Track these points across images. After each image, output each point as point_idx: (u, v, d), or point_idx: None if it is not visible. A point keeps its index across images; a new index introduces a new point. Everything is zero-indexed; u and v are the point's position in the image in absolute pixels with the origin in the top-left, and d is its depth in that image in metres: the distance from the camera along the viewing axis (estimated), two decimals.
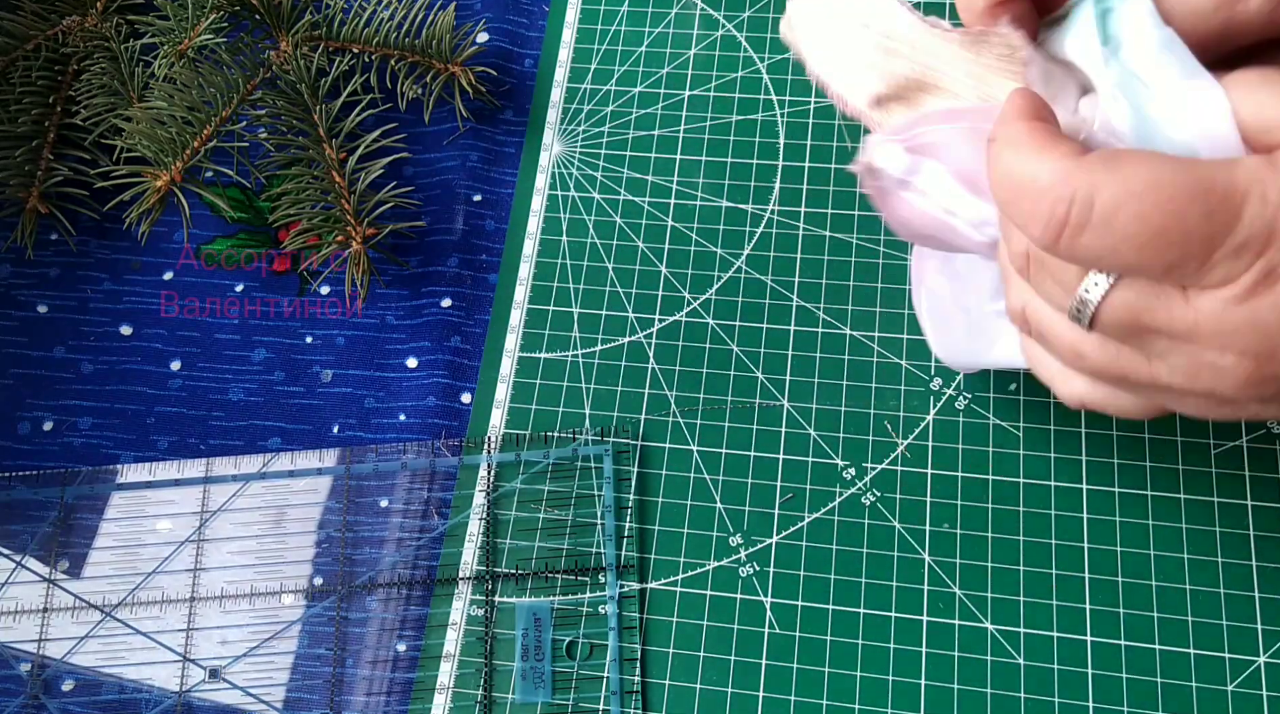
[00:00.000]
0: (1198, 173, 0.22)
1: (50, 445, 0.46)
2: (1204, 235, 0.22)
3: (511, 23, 0.52)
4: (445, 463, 0.43)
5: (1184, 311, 0.24)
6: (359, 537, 0.43)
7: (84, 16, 0.51)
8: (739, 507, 0.42)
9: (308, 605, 0.42)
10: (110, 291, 0.49)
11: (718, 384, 0.44)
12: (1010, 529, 0.40)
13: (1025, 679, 0.38)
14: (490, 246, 0.48)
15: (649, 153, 0.49)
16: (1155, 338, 0.25)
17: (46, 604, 0.42)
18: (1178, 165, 0.23)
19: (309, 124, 0.47)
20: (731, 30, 0.51)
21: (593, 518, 0.42)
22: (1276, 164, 0.22)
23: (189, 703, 0.41)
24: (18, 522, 0.44)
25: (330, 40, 0.50)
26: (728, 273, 0.46)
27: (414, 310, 0.47)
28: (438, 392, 0.45)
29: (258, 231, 0.49)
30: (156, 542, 0.43)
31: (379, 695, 0.40)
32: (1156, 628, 0.38)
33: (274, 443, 0.45)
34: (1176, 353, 0.25)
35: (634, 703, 0.39)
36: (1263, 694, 0.37)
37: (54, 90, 0.50)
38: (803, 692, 0.39)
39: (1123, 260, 0.23)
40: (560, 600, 0.41)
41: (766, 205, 0.47)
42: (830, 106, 0.48)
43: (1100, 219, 0.23)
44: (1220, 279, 0.23)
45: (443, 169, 0.50)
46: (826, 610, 0.40)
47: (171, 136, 0.46)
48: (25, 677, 0.41)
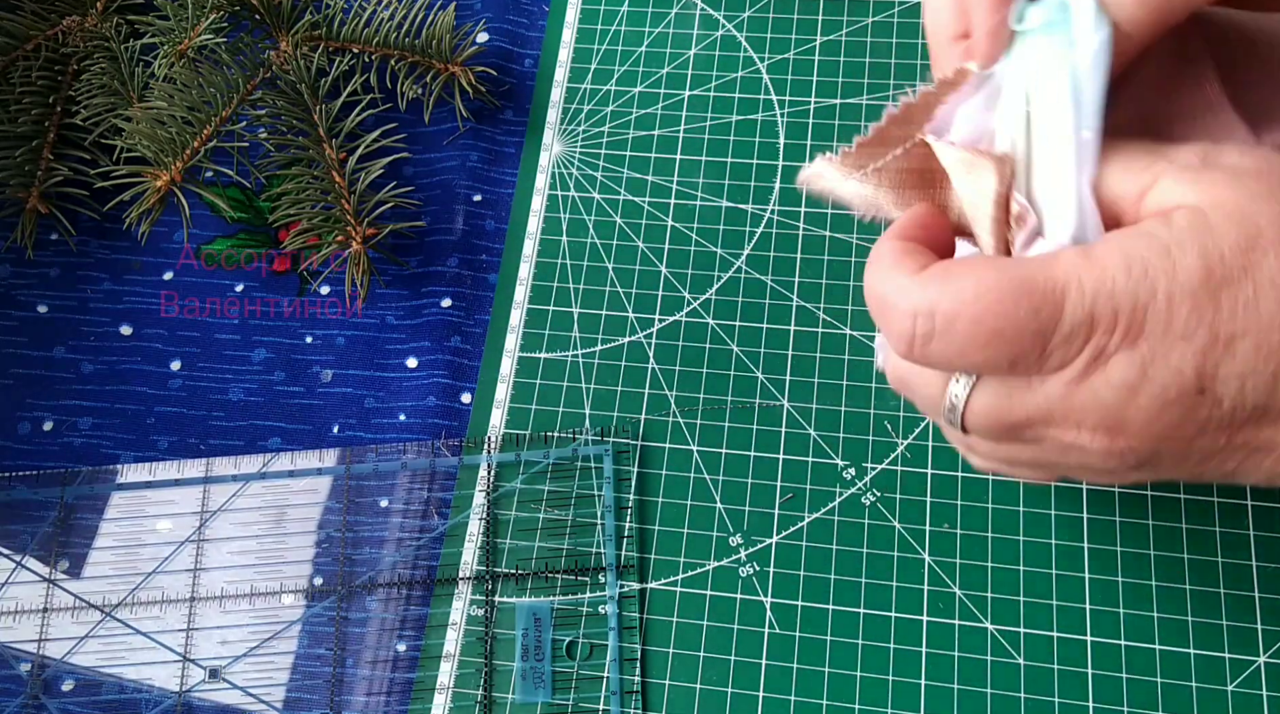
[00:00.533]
0: (1020, 274, 0.25)
1: (50, 445, 0.46)
2: (1034, 330, 0.24)
3: (511, 23, 0.52)
4: (445, 463, 0.43)
5: (1035, 399, 0.26)
6: (359, 537, 0.43)
7: (84, 16, 0.51)
8: (739, 507, 0.42)
9: (308, 605, 0.42)
10: (110, 291, 0.49)
11: (718, 384, 0.44)
12: (1010, 529, 0.40)
13: (1025, 679, 0.38)
14: (490, 246, 0.48)
15: (649, 153, 0.49)
16: (1022, 427, 0.27)
17: (46, 604, 0.43)
18: (1001, 270, 0.25)
19: (309, 124, 0.47)
20: (731, 30, 0.51)
21: (593, 518, 0.42)
22: (1090, 256, 0.24)
23: (189, 703, 0.41)
24: (18, 522, 0.44)
25: (330, 40, 0.50)
26: (728, 273, 0.46)
27: (414, 310, 0.47)
28: (438, 392, 0.45)
29: (258, 231, 0.49)
30: (156, 542, 0.43)
31: (379, 695, 0.40)
32: (1156, 628, 0.38)
33: (274, 443, 0.45)
34: (1044, 436, 0.27)
35: (634, 703, 0.39)
36: (1263, 694, 0.37)
37: (54, 90, 0.50)
38: (803, 692, 0.39)
39: (971, 361, 0.26)
40: (560, 600, 0.41)
41: (766, 205, 0.47)
42: (830, 106, 0.48)
43: (943, 327, 0.25)
44: (1058, 364, 0.25)
45: (443, 169, 0.50)
46: (826, 610, 0.40)
47: (171, 136, 0.46)
48: (25, 677, 0.41)
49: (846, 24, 0.50)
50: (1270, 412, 0.24)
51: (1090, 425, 0.26)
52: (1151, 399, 0.25)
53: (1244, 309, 0.23)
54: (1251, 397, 0.24)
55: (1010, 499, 0.40)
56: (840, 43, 0.49)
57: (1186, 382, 0.24)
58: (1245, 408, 0.24)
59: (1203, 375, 0.24)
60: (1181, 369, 0.24)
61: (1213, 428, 0.25)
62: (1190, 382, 0.24)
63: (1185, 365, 0.24)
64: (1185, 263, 0.24)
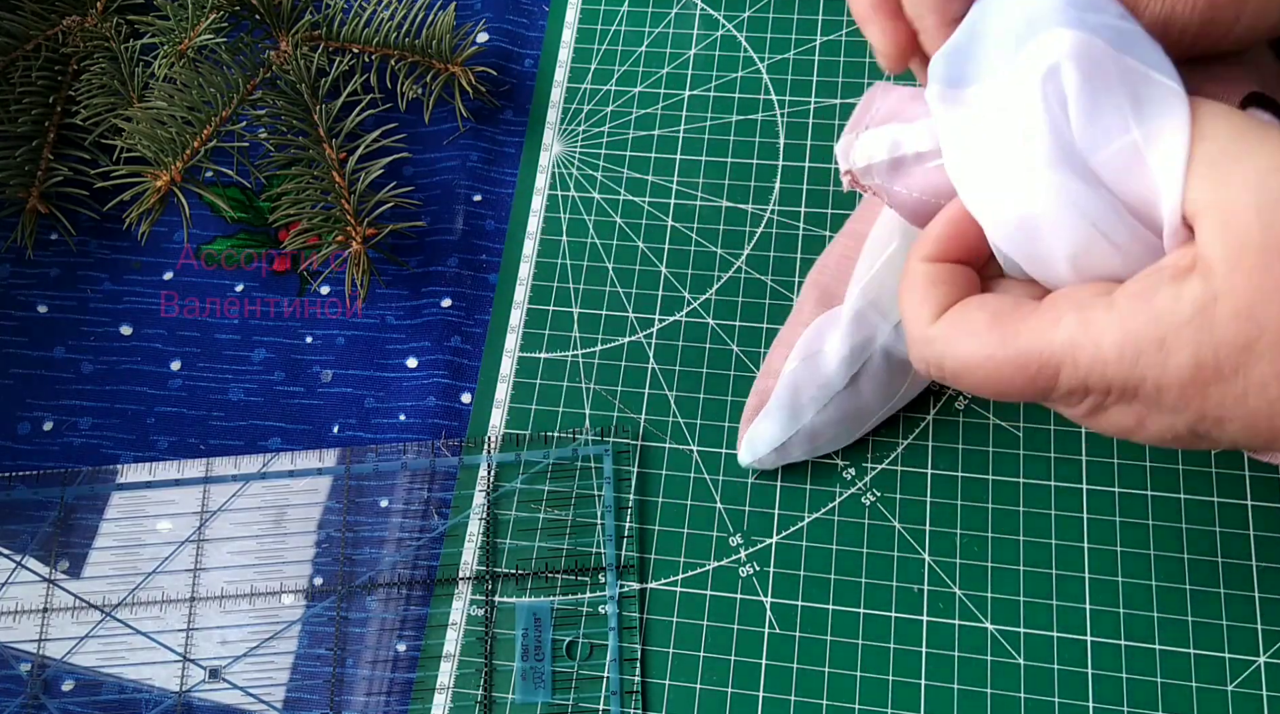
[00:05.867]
0: (1018, 347, 0.26)
1: (50, 445, 0.46)
2: (1033, 392, 0.27)
3: (511, 23, 0.52)
4: (445, 463, 0.43)
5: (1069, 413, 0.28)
6: (359, 537, 0.43)
7: (84, 16, 0.51)
8: (739, 507, 0.42)
9: (308, 605, 0.42)
10: (110, 291, 0.49)
11: (718, 384, 0.44)
12: (1010, 529, 0.40)
13: (1025, 679, 0.38)
14: (490, 246, 0.48)
15: (649, 153, 0.49)
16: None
17: (46, 604, 0.43)
18: (1002, 340, 0.26)
19: (309, 124, 0.47)
20: (731, 30, 0.51)
21: (593, 518, 0.42)
22: (1090, 328, 0.25)
23: (189, 703, 0.41)
24: (18, 522, 0.44)
25: (330, 40, 0.50)
26: (728, 273, 0.46)
27: (414, 310, 0.47)
28: (438, 392, 0.45)
29: (258, 231, 0.49)
30: (156, 542, 0.43)
31: (379, 695, 0.40)
32: (1156, 628, 0.38)
33: (274, 443, 0.45)
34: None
35: (634, 703, 0.39)
36: (1263, 694, 0.37)
37: (54, 90, 0.50)
38: (803, 692, 0.39)
39: (986, 397, 0.29)
40: (560, 600, 0.41)
41: (766, 205, 0.47)
42: (830, 106, 0.48)
43: (953, 379, 0.28)
44: (1064, 406, 0.27)
45: (443, 169, 0.50)
46: (826, 610, 0.40)
47: (171, 136, 0.46)
48: (25, 677, 0.41)
49: (846, 24, 0.50)
50: (1275, 442, 0.25)
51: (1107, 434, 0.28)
52: (1152, 436, 0.27)
53: (1233, 402, 0.24)
54: (1247, 443, 0.25)
55: (1010, 499, 0.40)
56: (840, 43, 0.49)
57: (1181, 434, 0.26)
58: (1244, 445, 0.26)
59: (1197, 434, 0.26)
60: (1175, 426, 0.26)
61: (1222, 447, 0.27)
62: (1185, 434, 0.26)
63: (1178, 425, 0.26)
64: (1176, 361, 0.24)
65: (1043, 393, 0.26)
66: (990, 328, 0.27)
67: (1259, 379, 0.24)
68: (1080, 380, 0.25)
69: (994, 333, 0.27)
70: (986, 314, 0.27)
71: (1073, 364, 0.25)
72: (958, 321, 0.28)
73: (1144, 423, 0.26)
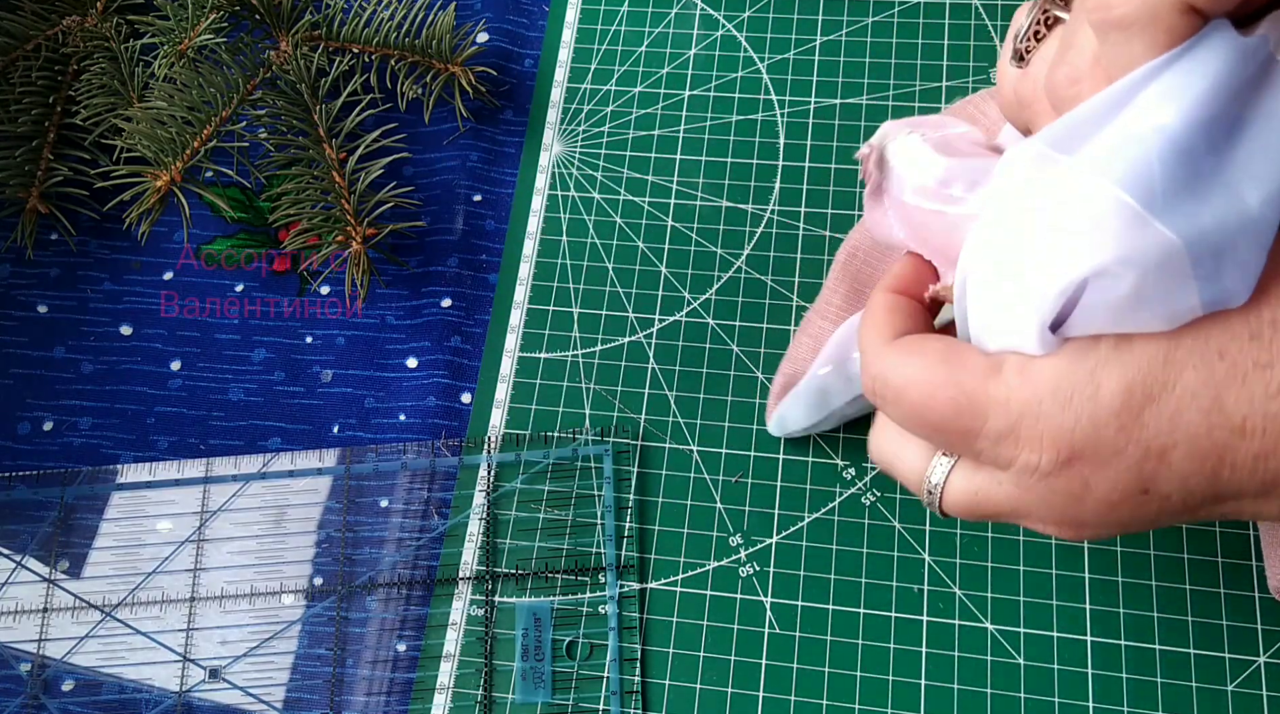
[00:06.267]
0: (957, 380, 0.26)
1: (50, 445, 0.46)
2: (958, 428, 0.26)
3: (511, 23, 0.52)
4: (445, 463, 0.43)
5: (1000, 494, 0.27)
6: (359, 537, 0.43)
7: (84, 16, 0.51)
8: (739, 507, 0.42)
9: (308, 605, 0.42)
10: (110, 292, 0.49)
11: (718, 384, 0.44)
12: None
13: (1025, 679, 0.38)
14: (490, 246, 0.48)
15: (649, 153, 0.49)
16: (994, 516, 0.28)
17: (46, 604, 0.43)
18: (947, 369, 0.27)
19: (309, 124, 0.47)
20: (731, 30, 0.51)
21: (593, 518, 0.42)
22: (1028, 374, 0.25)
23: (189, 703, 0.41)
24: (18, 522, 0.44)
25: (330, 40, 0.50)
26: (728, 273, 0.46)
27: (414, 310, 0.47)
28: (438, 392, 0.45)
29: (258, 231, 0.49)
30: (156, 542, 0.43)
31: (379, 695, 0.40)
32: (1156, 628, 0.38)
33: (274, 443, 0.45)
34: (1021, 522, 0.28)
35: (634, 703, 0.39)
36: (1263, 694, 0.37)
37: (54, 90, 0.50)
38: (803, 692, 0.39)
39: (915, 432, 0.28)
40: (560, 600, 0.41)
41: (766, 205, 0.47)
42: (830, 106, 0.48)
43: (892, 398, 0.28)
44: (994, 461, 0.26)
45: (443, 169, 0.50)
46: (826, 610, 0.40)
47: (171, 136, 0.46)
48: (25, 677, 0.41)
49: (846, 24, 0.50)
50: (1222, 496, 0.25)
51: (1054, 521, 0.27)
52: (1099, 503, 0.26)
53: (1169, 422, 0.24)
54: (1199, 490, 0.25)
55: None
56: (840, 43, 0.49)
57: (1128, 488, 0.25)
58: (1195, 497, 0.25)
59: (1143, 481, 0.25)
60: (1120, 480, 0.25)
61: (1170, 512, 0.26)
62: (1132, 487, 0.25)
63: (1123, 477, 0.25)
64: (1107, 389, 0.24)
65: (968, 431, 0.26)
66: (939, 358, 0.27)
67: (1188, 389, 0.24)
68: (1010, 425, 0.25)
69: (941, 363, 0.27)
70: (941, 346, 0.28)
71: (1004, 406, 0.25)
72: (912, 346, 0.28)
73: (1087, 484, 0.25)
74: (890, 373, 0.28)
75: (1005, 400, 0.25)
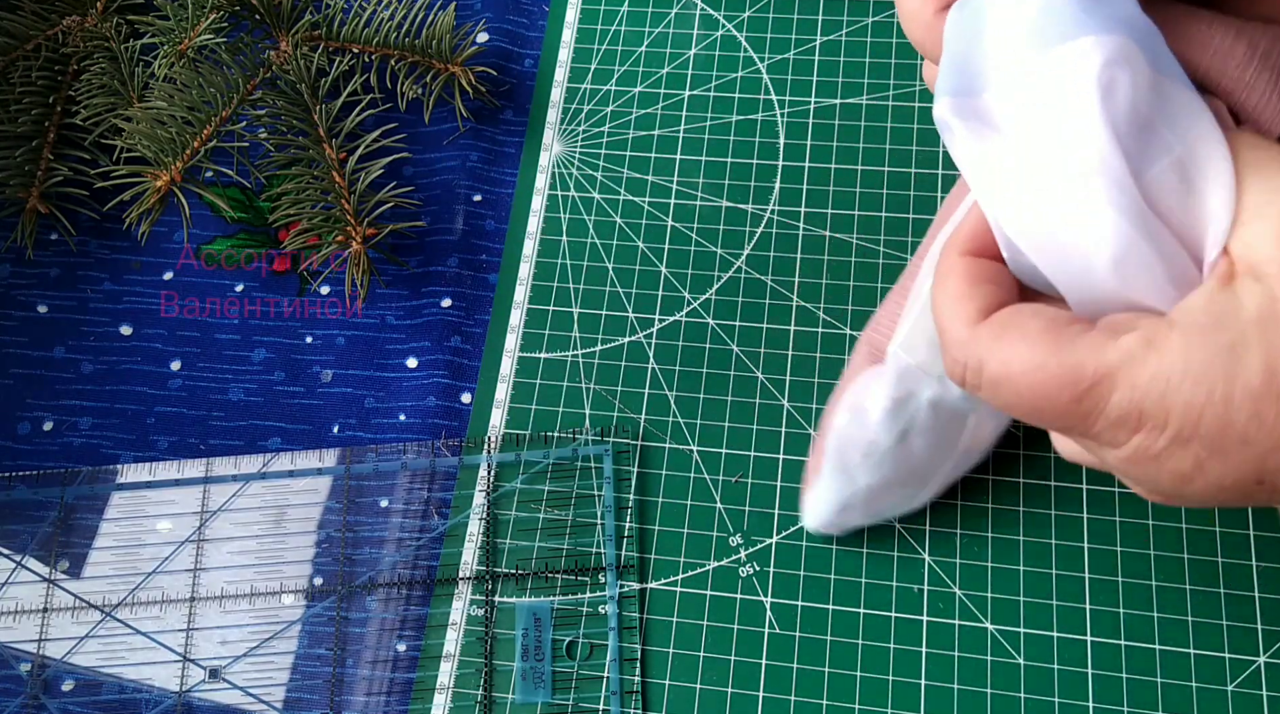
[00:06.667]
0: (1071, 359, 0.23)
1: (50, 445, 0.46)
2: (1076, 413, 0.24)
3: (511, 23, 0.52)
4: (445, 463, 0.43)
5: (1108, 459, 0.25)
6: (359, 537, 0.43)
7: (84, 16, 0.51)
8: (739, 507, 0.42)
9: (308, 605, 0.42)
10: (110, 291, 0.49)
11: (718, 384, 0.44)
12: (1010, 529, 0.40)
13: (1025, 679, 0.38)
14: (490, 246, 0.48)
15: (649, 153, 0.49)
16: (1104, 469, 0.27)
17: (46, 604, 0.43)
18: (1054, 351, 0.24)
19: (309, 124, 0.47)
20: (731, 30, 0.51)
21: (593, 518, 0.42)
22: (1152, 347, 0.23)
23: (189, 703, 0.41)
24: (18, 522, 0.44)
25: (330, 40, 0.50)
26: (728, 273, 0.46)
27: (414, 310, 0.47)
28: (438, 392, 0.45)
29: (258, 231, 0.49)
30: (156, 542, 0.43)
31: (379, 695, 0.40)
32: (1156, 628, 0.38)
33: (274, 443, 0.45)
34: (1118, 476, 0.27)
35: (634, 703, 0.39)
36: (1263, 694, 0.37)
37: (54, 90, 0.50)
38: (803, 692, 0.39)
39: (1016, 415, 0.25)
40: (560, 600, 0.41)
41: (766, 205, 0.47)
42: (830, 106, 0.48)
43: (988, 387, 0.25)
44: (1108, 442, 0.24)
45: (443, 169, 0.50)
46: (826, 610, 0.40)
47: (171, 136, 0.46)
48: (25, 677, 0.41)
49: (846, 24, 0.50)
50: None
51: (1152, 492, 0.26)
52: (1208, 486, 0.24)
53: None
54: None
55: (1010, 499, 0.40)
56: (840, 43, 0.49)
57: (1243, 478, 0.23)
58: None
59: (1262, 473, 0.23)
60: (1239, 470, 0.23)
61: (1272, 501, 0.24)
62: (1248, 477, 0.23)
63: (1242, 467, 0.23)
64: (1247, 367, 0.22)
65: (1086, 415, 0.24)
66: (1043, 335, 0.24)
67: None
68: (1135, 403, 0.23)
69: (1047, 341, 0.24)
70: (1043, 321, 0.24)
71: (1129, 383, 0.23)
72: (1009, 324, 0.25)
73: (1202, 468, 0.23)
74: (988, 361, 0.25)
75: (1130, 377, 0.23)
